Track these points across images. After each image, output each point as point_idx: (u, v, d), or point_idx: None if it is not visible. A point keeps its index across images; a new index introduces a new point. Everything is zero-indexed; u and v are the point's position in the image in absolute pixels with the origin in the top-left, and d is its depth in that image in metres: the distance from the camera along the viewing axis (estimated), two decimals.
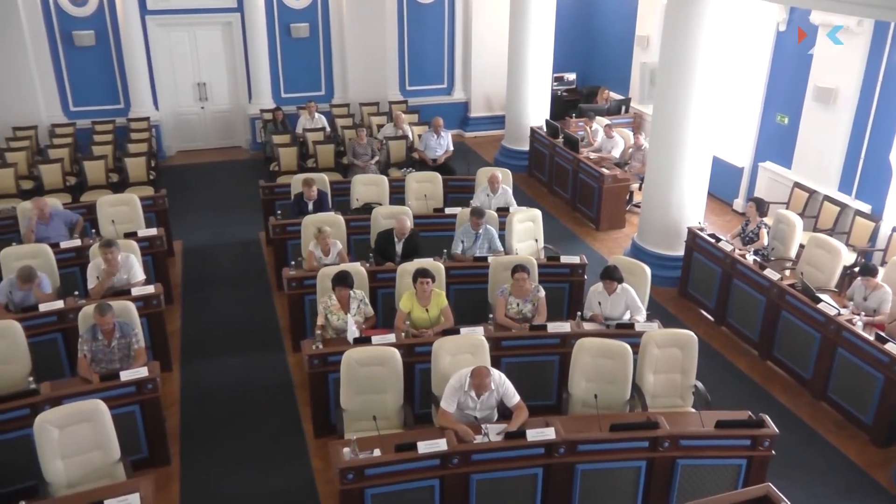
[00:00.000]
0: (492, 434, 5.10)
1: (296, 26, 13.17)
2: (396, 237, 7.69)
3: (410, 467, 4.93)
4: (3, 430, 5.33)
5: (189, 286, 8.81)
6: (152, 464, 5.89)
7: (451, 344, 5.84)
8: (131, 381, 5.68)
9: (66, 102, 12.61)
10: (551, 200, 11.42)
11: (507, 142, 12.95)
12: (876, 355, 6.12)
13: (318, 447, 6.16)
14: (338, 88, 13.83)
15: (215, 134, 13.63)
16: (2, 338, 5.94)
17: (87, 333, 5.92)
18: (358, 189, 9.14)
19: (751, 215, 8.14)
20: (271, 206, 9.38)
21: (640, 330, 6.26)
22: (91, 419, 4.97)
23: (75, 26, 12.19)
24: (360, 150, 10.74)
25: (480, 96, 14.59)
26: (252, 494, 5.73)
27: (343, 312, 6.35)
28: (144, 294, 6.84)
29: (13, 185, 9.98)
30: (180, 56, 12.93)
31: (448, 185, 9.59)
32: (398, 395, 5.68)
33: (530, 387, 6.08)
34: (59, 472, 4.88)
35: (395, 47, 13.90)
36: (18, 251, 7.30)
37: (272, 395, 6.89)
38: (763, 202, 8.22)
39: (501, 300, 6.60)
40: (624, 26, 13.68)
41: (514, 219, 8.05)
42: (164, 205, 9.18)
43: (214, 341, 7.71)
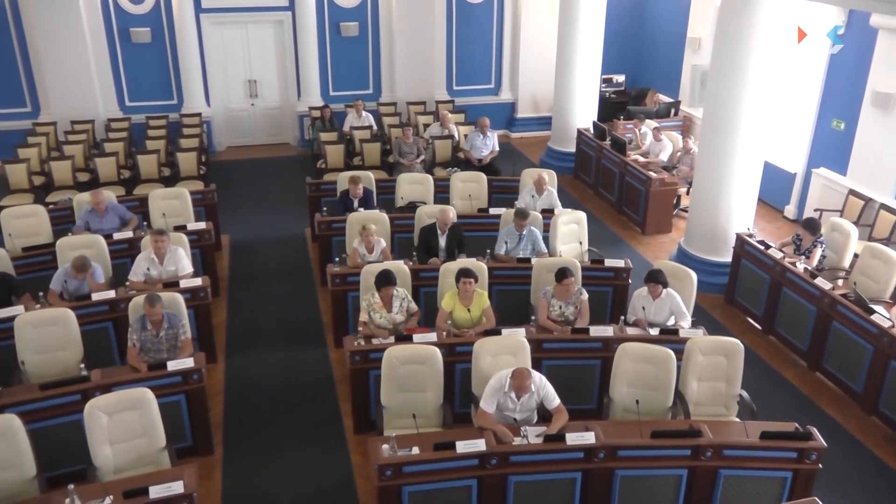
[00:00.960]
0: (531, 436, 5.07)
1: (345, 25, 13.29)
2: (439, 230, 7.72)
3: (448, 466, 4.94)
4: (56, 414, 5.49)
5: (235, 280, 8.96)
6: (196, 452, 6.01)
7: (493, 344, 5.84)
8: (178, 371, 5.80)
9: (122, 98, 12.94)
10: (597, 203, 11.32)
11: (553, 143, 12.87)
12: None
13: (358, 443, 6.20)
14: (385, 87, 13.92)
15: (264, 130, 13.84)
16: (56, 325, 6.13)
17: (137, 323, 6.07)
18: (403, 187, 9.19)
19: (804, 236, 7.83)
20: (317, 203, 9.49)
21: (684, 336, 6.17)
22: (138, 407, 5.09)
23: (132, 23, 12.50)
24: (405, 149, 10.79)
25: (527, 97, 14.53)
26: (291, 487, 5.80)
27: (386, 311, 6.39)
28: (192, 286, 6.98)
29: (70, 177, 10.29)
30: (232, 53, 13.16)
31: (493, 185, 9.57)
32: (438, 393, 5.69)
33: (571, 390, 6.03)
34: (107, 457, 5.02)
35: (443, 47, 13.92)
36: (74, 241, 7.52)
37: (314, 390, 6.96)
38: (815, 223, 7.81)
39: (544, 302, 6.57)
40: (675, 28, 13.48)
41: (559, 221, 8.00)
42: (213, 199, 9.35)
43: (259, 334, 7.83)
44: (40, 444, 5.05)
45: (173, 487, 4.59)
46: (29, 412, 5.25)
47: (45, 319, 6.14)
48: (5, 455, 4.80)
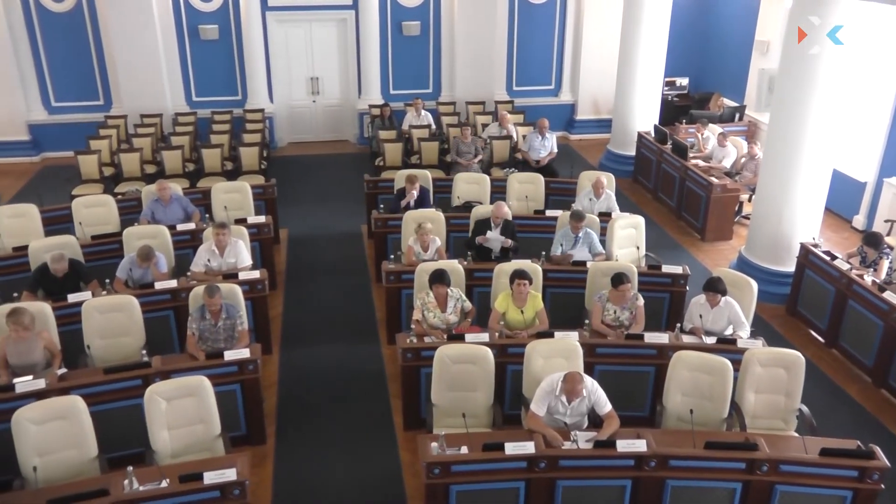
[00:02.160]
0: (581, 441, 5.02)
1: (407, 24, 13.38)
2: (493, 223, 7.71)
3: (497, 467, 4.93)
4: (117, 398, 5.68)
5: (292, 273, 9.11)
6: (249, 441, 6.14)
7: (545, 347, 5.80)
8: (234, 360, 5.93)
9: (189, 93, 13.30)
10: (655, 208, 11.14)
11: (612, 146, 12.72)
12: None
13: (407, 440, 6.24)
14: (445, 86, 13.97)
15: (325, 127, 14.04)
16: (121, 312, 6.34)
17: (197, 313, 6.23)
18: (460, 187, 9.21)
19: (867, 251, 7.57)
20: (374, 200, 9.58)
21: (742, 346, 6.02)
22: (196, 394, 5.23)
23: (201, 21, 12.84)
24: (463, 149, 10.80)
25: (588, 99, 14.39)
26: (340, 480, 5.87)
27: (440, 310, 6.41)
28: (250, 278, 7.13)
29: (138, 169, 10.61)
30: (296, 51, 13.39)
31: (550, 186, 9.50)
32: (489, 394, 5.68)
33: (623, 397, 5.95)
34: (164, 441, 5.17)
35: (503, 47, 13.88)
36: (140, 231, 7.76)
37: (365, 385, 7.03)
38: (877, 237, 7.52)
39: (598, 306, 6.49)
40: (743, 30, 13.16)
41: (616, 224, 7.89)
42: (273, 194, 9.53)
43: (313, 328, 7.95)
44: (102, 426, 5.21)
45: (227, 474, 4.69)
46: (92, 395, 5.44)
47: (111, 306, 6.36)
48: (69, 435, 4.99)
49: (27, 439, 4.89)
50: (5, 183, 11.93)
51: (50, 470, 4.92)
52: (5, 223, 8.10)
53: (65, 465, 4.99)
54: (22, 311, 5.72)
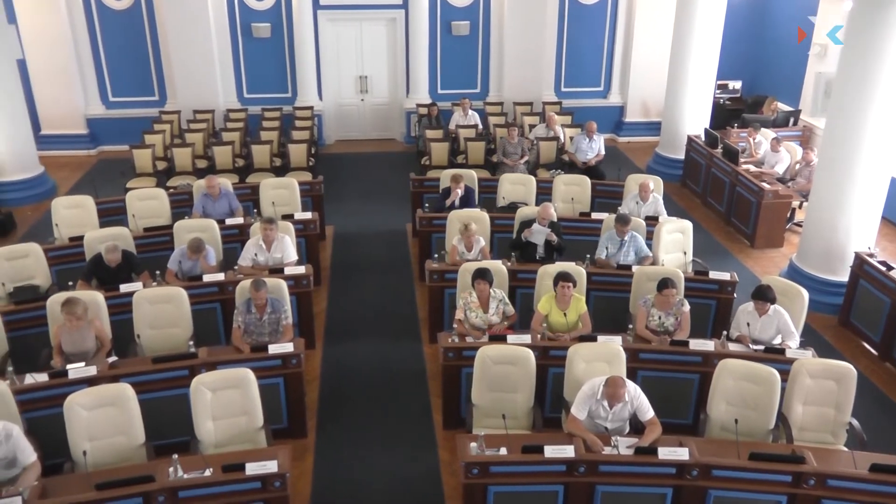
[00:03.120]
0: (622, 447, 4.97)
1: (457, 24, 13.40)
2: (538, 224, 7.68)
3: (535, 470, 4.91)
4: (165, 387, 5.81)
5: (337, 270, 9.19)
6: (290, 435, 6.21)
7: (587, 350, 5.75)
8: (278, 354, 6.01)
9: (240, 89, 13.54)
10: (704, 213, 10.95)
11: (661, 149, 12.55)
12: None
13: (446, 439, 6.25)
14: (493, 87, 13.95)
15: (372, 126, 14.15)
16: (170, 303, 6.48)
17: (243, 306, 6.33)
18: (505, 187, 9.19)
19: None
20: (419, 199, 9.61)
21: (791, 357, 5.88)
22: (240, 386, 5.31)
23: (254, 19, 13.05)
24: (510, 149, 10.77)
25: (637, 101, 14.22)
26: (379, 476, 5.91)
27: (482, 311, 6.40)
28: (296, 274, 7.22)
29: (190, 164, 10.84)
30: (346, 49, 13.51)
31: (596, 189, 9.43)
32: (529, 396, 5.66)
33: (666, 403, 5.86)
34: (209, 431, 5.27)
35: (553, 47, 13.81)
36: (190, 224, 7.92)
37: (406, 383, 7.06)
38: None
39: (643, 311, 6.41)
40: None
41: (663, 229, 7.79)
42: (319, 191, 9.63)
43: (356, 324, 8.01)
44: (149, 414, 5.33)
45: (268, 466, 4.76)
46: (141, 383, 5.56)
47: (161, 297, 6.51)
48: (119, 421, 5.13)
49: (78, 424, 5.04)
50: (63, 175, 12.31)
51: (99, 454, 5.05)
52: (62, 214, 8.36)
53: (113, 450, 5.13)
54: (76, 301, 5.89)
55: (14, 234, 10.12)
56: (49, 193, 11.15)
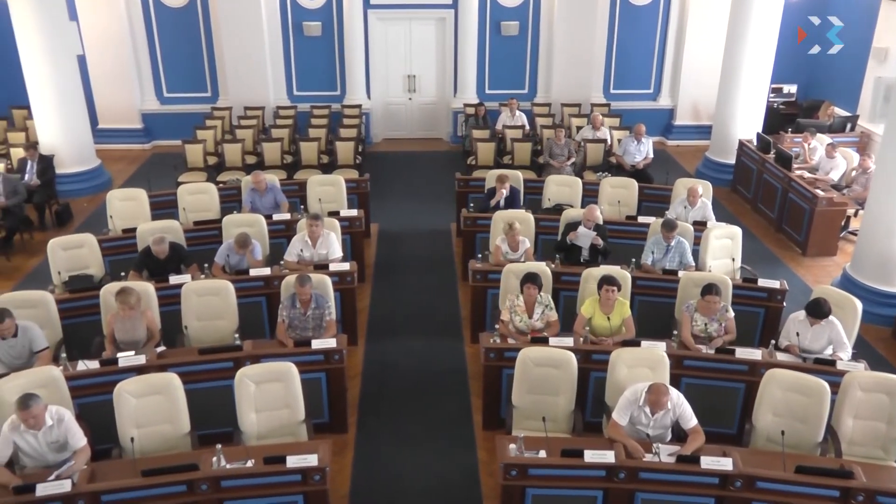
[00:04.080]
0: (663, 454, 4.90)
1: (506, 24, 13.37)
2: (585, 227, 7.61)
3: (574, 474, 4.87)
4: (210, 378, 5.91)
5: (380, 267, 9.25)
6: (331, 429, 6.27)
7: (630, 355, 5.68)
8: (321, 349, 6.08)
9: (290, 87, 13.72)
10: (754, 219, 10.73)
11: (711, 153, 12.32)
12: None
13: (486, 439, 6.24)
14: (541, 87, 13.89)
15: (419, 125, 14.21)
16: (217, 295, 6.61)
17: (288, 301, 6.42)
18: (551, 189, 9.14)
19: None
20: (464, 199, 9.62)
21: (842, 368, 5.73)
22: (283, 380, 5.39)
23: (305, 17, 13.22)
24: (556, 151, 10.71)
25: (687, 104, 13.99)
26: (418, 474, 5.93)
27: (527, 315, 6.37)
28: (340, 270, 7.28)
29: (240, 159, 11.03)
30: (395, 48, 13.59)
31: (644, 192, 9.32)
32: (570, 399, 5.62)
33: (710, 412, 5.76)
34: (251, 423, 5.36)
35: (602, 49, 13.68)
36: (238, 219, 8.06)
37: (447, 382, 7.07)
38: None
39: (687, 316, 6.32)
40: (858, 36, 12.47)
41: (711, 234, 7.65)
42: (366, 188, 9.70)
43: (398, 322, 8.05)
44: (195, 403, 5.44)
45: (308, 459, 4.81)
46: (187, 373, 5.67)
47: (208, 289, 6.64)
48: (165, 409, 5.24)
49: (127, 411, 5.17)
50: (118, 168, 12.64)
51: (146, 441, 5.18)
52: (117, 206, 8.59)
53: (159, 437, 5.25)
54: (129, 291, 6.05)
55: (71, 224, 10.43)
56: (105, 186, 11.47)
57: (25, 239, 9.79)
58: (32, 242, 9.76)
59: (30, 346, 5.89)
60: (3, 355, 5.83)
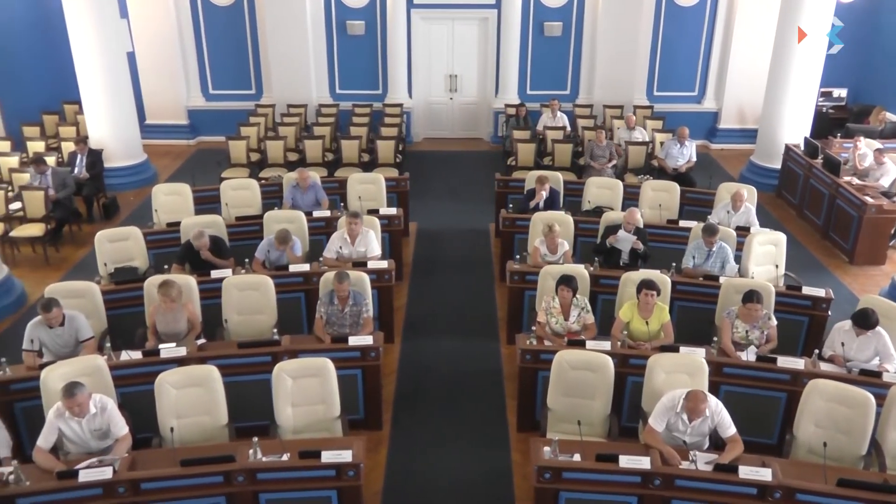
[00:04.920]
0: (700, 462, 4.83)
1: (549, 24, 13.30)
2: (624, 230, 7.55)
3: (609, 479, 4.83)
4: (248, 371, 6.00)
5: (418, 266, 9.28)
6: (366, 426, 6.32)
7: (669, 361, 5.61)
8: (358, 346, 6.12)
9: (333, 85, 13.84)
10: (799, 225, 10.51)
11: (756, 157, 12.10)
12: None
13: (520, 441, 6.22)
14: (583, 89, 13.78)
15: (460, 124, 14.21)
16: (257, 290, 6.69)
17: (326, 297, 6.47)
18: (591, 191, 9.07)
19: None
20: (504, 199, 9.60)
21: (888, 380, 5.58)
22: (320, 375, 5.44)
23: (349, 16, 13.32)
24: (598, 152, 10.62)
25: (733, 107, 13.75)
26: (451, 473, 5.94)
27: (563, 317, 6.33)
28: (378, 268, 7.32)
29: (282, 156, 11.16)
30: (437, 48, 13.62)
31: (686, 196, 9.20)
32: (606, 403, 5.57)
33: (749, 421, 5.67)
34: (287, 417, 5.42)
35: (646, 50, 13.51)
36: (279, 215, 8.16)
37: (482, 382, 7.07)
38: None
39: (727, 323, 6.21)
40: None
41: (755, 240, 7.51)
42: (405, 187, 9.74)
43: (435, 321, 8.07)
44: (233, 396, 5.53)
45: (343, 455, 4.85)
46: (226, 366, 5.75)
47: (248, 284, 6.73)
48: (205, 401, 5.34)
49: (167, 401, 5.27)
50: (164, 163, 12.89)
51: (185, 432, 5.27)
52: (162, 200, 8.76)
53: (198, 428, 5.34)
54: (171, 284, 6.17)
55: (117, 217, 10.67)
56: (151, 180, 11.71)
57: (74, 230, 10.06)
58: (80, 234, 10.03)
59: (76, 335, 6.04)
60: (50, 344, 6.00)
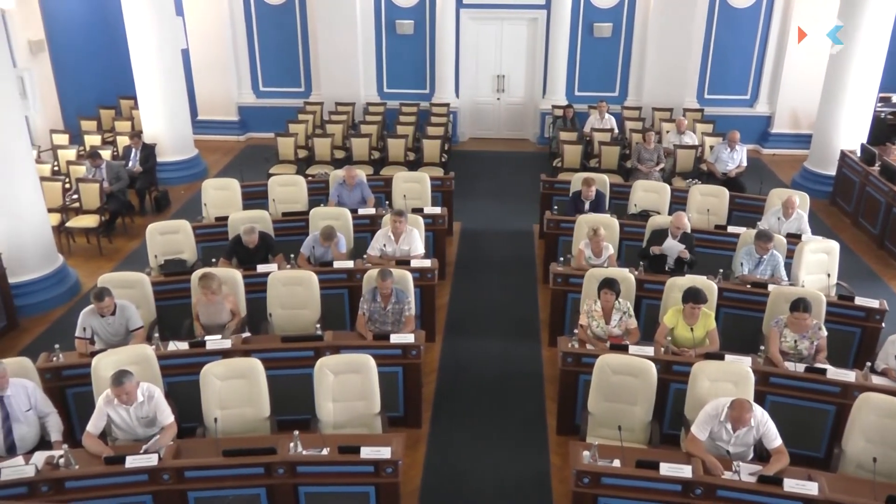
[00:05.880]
0: (744, 473, 4.73)
1: (599, 25, 13.18)
2: (671, 234, 7.44)
3: (649, 486, 4.76)
4: (291, 365, 6.07)
5: (461, 266, 9.28)
6: (405, 424, 6.33)
7: (713, 369, 5.51)
8: (399, 344, 6.14)
9: (380, 84, 13.93)
10: (853, 234, 10.22)
11: (810, 163, 11.80)
12: None
13: (559, 444, 6.18)
14: (632, 91, 13.63)
15: (506, 125, 14.19)
16: (301, 285, 6.77)
17: (369, 294, 6.52)
18: (637, 194, 8.96)
19: None
20: (549, 201, 9.54)
21: None
22: (361, 371, 5.48)
23: (399, 16, 13.40)
24: (645, 155, 10.49)
25: (786, 111, 13.45)
26: (489, 473, 5.92)
27: (604, 321, 6.27)
28: (421, 267, 7.35)
29: (328, 154, 11.28)
30: (485, 48, 13.61)
31: (735, 202, 9.03)
32: (648, 409, 5.50)
33: (796, 433, 5.55)
34: (328, 412, 5.47)
35: (698, 52, 13.30)
36: (324, 212, 8.24)
37: (522, 384, 7.04)
38: None
39: (775, 332, 6.07)
40: None
41: (806, 248, 7.33)
42: (450, 186, 9.75)
43: (477, 321, 8.06)
44: (275, 389, 5.60)
45: (382, 452, 4.87)
46: (270, 360, 5.82)
47: (293, 279, 6.82)
48: (248, 393, 5.42)
49: (212, 392, 5.37)
50: (214, 158, 13.14)
51: (228, 422, 5.37)
52: (211, 194, 8.92)
53: (241, 420, 5.43)
54: (210, 277, 6.29)
55: (168, 210, 10.92)
56: (201, 175, 11.96)
57: (126, 222, 10.33)
58: (133, 226, 10.29)
59: (126, 324, 6.20)
60: (101, 332, 6.16)
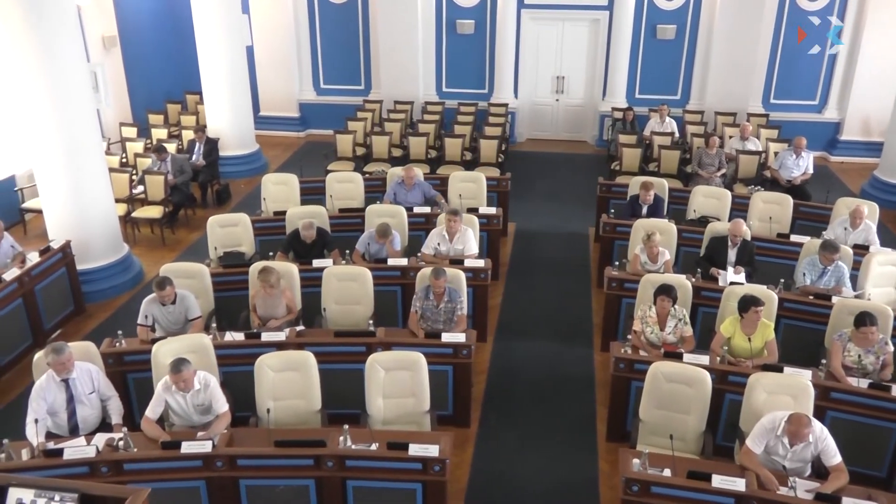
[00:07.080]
0: (800, 490, 4.59)
1: (662, 27, 12.97)
2: (730, 241, 7.28)
3: (699, 498, 4.66)
4: (342, 360, 6.14)
5: (515, 267, 9.25)
6: (454, 423, 6.35)
7: (771, 381, 5.37)
8: (450, 343, 6.16)
9: (440, 83, 13.99)
10: None
11: (881, 172, 11.39)
12: None
13: (608, 450, 6.11)
14: (694, 94, 13.37)
15: (564, 126, 14.07)
16: (355, 281, 6.85)
17: (422, 292, 6.55)
18: (697, 200, 8.78)
19: None
20: (605, 204, 9.44)
21: None
22: (411, 369, 5.51)
23: (459, 15, 13.42)
24: (706, 160, 10.28)
25: (857, 117, 12.99)
26: (536, 477, 5.89)
27: (658, 328, 6.17)
28: (475, 266, 7.35)
29: (386, 152, 11.38)
30: (545, 49, 13.53)
31: (799, 210, 8.77)
32: (701, 419, 5.39)
33: (857, 451, 5.36)
34: (378, 408, 5.52)
35: (765, 55, 12.96)
36: (381, 209, 8.32)
37: (573, 388, 6.98)
38: None
39: (838, 345, 5.87)
40: None
41: (874, 260, 7.08)
42: (506, 187, 9.72)
43: (529, 323, 8.02)
44: (327, 383, 5.67)
45: (430, 450, 4.90)
46: (322, 354, 5.89)
47: (348, 274, 6.90)
48: (300, 385, 5.51)
49: (265, 383, 5.48)
50: (275, 153, 13.39)
51: (280, 414, 5.46)
52: (270, 189, 9.10)
53: (293, 411, 5.52)
54: (270, 271, 6.40)
55: (229, 203, 11.18)
56: (261, 169, 12.20)
57: (189, 214, 10.61)
58: (194, 218, 10.57)
59: (186, 313, 6.37)
60: (162, 320, 6.35)
